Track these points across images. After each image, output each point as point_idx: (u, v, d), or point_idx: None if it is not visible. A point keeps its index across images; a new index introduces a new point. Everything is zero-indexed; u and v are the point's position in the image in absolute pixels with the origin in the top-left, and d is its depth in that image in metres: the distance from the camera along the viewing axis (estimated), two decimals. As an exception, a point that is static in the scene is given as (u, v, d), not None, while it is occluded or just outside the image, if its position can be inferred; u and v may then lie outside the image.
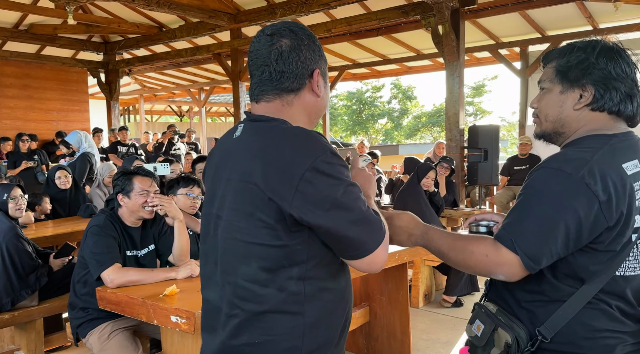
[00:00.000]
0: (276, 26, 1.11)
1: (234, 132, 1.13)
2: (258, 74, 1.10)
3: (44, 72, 8.89)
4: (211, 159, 1.19)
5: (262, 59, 1.09)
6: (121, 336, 2.34)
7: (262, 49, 1.09)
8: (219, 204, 1.09)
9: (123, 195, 2.43)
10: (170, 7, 5.98)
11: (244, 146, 1.06)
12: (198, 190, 3.08)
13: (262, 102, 1.11)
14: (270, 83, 1.09)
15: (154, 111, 19.90)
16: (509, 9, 6.14)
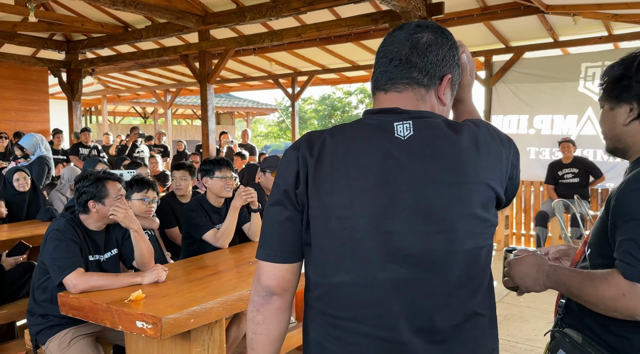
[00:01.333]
0: (427, 22, 1.04)
1: (388, 133, 0.96)
2: (386, 62, 1.01)
3: (2, 70, 8.56)
4: (366, 168, 0.96)
5: (395, 45, 1.00)
6: (82, 342, 2.26)
7: (400, 35, 1.01)
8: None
9: (96, 201, 2.34)
10: (136, 7, 5.85)
11: (449, 143, 0.95)
12: (153, 193, 3.03)
13: (392, 92, 1.01)
14: (398, 70, 1.00)
15: (117, 112, 19.42)
16: (474, 19, 6.32)
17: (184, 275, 2.39)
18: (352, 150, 0.96)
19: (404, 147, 0.95)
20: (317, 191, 0.96)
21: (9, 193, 4.31)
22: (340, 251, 0.95)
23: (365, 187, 0.94)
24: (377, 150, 0.95)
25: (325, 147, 0.98)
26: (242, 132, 9.64)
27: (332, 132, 1.01)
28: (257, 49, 8.25)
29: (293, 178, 0.98)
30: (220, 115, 20.24)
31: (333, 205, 0.95)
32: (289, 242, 1.01)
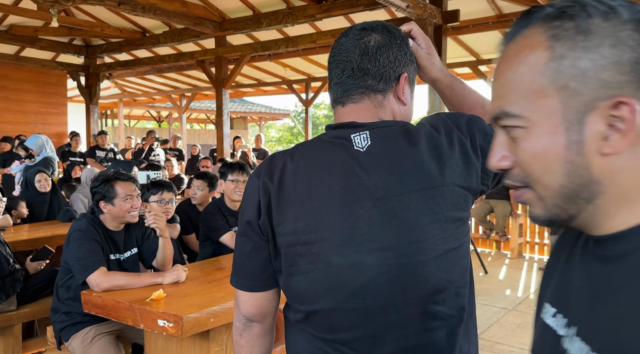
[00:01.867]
0: (370, 22, 0.99)
1: (348, 146, 0.93)
2: (338, 73, 0.97)
3: (23, 74, 8.74)
4: (317, 181, 0.93)
5: (345, 54, 0.96)
6: (104, 340, 2.32)
7: (346, 43, 0.97)
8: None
9: (106, 202, 2.41)
10: (155, 13, 5.97)
11: (403, 152, 0.92)
12: (169, 194, 3.09)
13: (349, 103, 0.98)
14: (352, 80, 0.96)
15: (132, 116, 19.66)
16: (490, 27, 6.34)
17: (203, 275, 2.44)
18: (313, 171, 0.94)
19: (363, 161, 0.92)
20: (282, 219, 0.93)
21: (30, 193, 4.41)
22: (311, 278, 0.92)
23: (329, 209, 0.91)
24: (338, 168, 0.92)
25: (286, 171, 0.95)
26: (256, 136, 9.73)
27: (292, 152, 0.98)
28: (272, 55, 8.35)
29: (255, 208, 0.96)
30: (234, 120, 20.41)
31: (299, 230, 0.92)
32: (259, 272, 0.99)
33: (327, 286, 0.92)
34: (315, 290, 0.93)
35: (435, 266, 0.91)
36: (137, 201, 2.46)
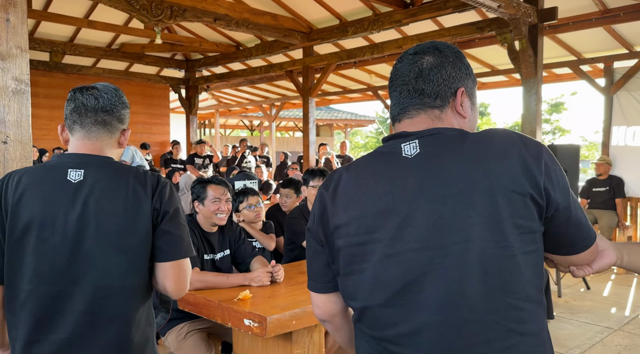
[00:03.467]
0: (421, 45, 1.06)
1: (396, 155, 1.00)
2: (396, 95, 1.06)
3: (131, 88, 9.61)
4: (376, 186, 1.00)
5: (401, 78, 1.04)
6: (196, 336, 2.47)
7: (402, 68, 1.05)
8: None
9: (198, 202, 2.60)
10: (248, 27, 6.28)
11: (466, 153, 0.95)
12: (254, 198, 3.22)
13: (405, 119, 1.04)
14: (408, 100, 1.03)
15: (227, 125, 20.78)
16: (593, 23, 5.86)
17: (286, 278, 2.51)
18: (363, 179, 1.01)
19: (410, 166, 0.97)
20: (337, 223, 1.02)
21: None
22: (363, 277, 0.99)
23: (377, 212, 0.97)
24: (385, 175, 0.99)
25: (341, 181, 1.05)
26: (341, 143, 9.82)
27: (349, 165, 1.08)
28: (357, 62, 8.40)
29: (313, 217, 1.09)
30: (320, 127, 20.79)
31: (351, 233, 0.99)
32: (321, 275, 1.10)
33: (376, 284, 0.97)
34: (366, 287, 0.99)
35: (482, 269, 0.90)
36: (225, 205, 2.60)
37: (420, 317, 0.94)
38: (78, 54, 8.07)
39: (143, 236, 1.33)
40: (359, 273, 1.00)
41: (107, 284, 1.31)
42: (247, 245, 2.74)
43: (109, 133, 1.42)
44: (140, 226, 1.32)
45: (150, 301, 1.44)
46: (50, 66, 8.13)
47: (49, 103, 9.01)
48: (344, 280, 1.04)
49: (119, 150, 1.47)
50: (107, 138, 1.42)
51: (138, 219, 1.32)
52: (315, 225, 1.07)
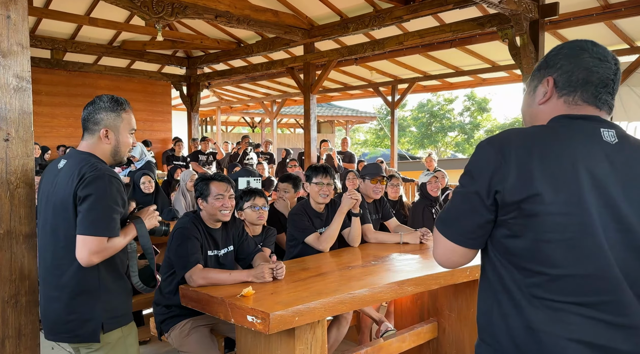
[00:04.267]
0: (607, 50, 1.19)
1: (598, 137, 1.11)
2: (597, 83, 1.15)
3: (133, 85, 9.62)
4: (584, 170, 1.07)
5: (605, 70, 1.15)
6: (200, 333, 2.49)
7: (607, 58, 1.16)
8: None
9: (202, 199, 2.61)
10: (249, 24, 6.28)
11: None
12: (260, 200, 3.15)
13: (603, 111, 1.17)
14: (607, 96, 1.17)
15: (229, 122, 20.80)
16: (594, 19, 5.85)
17: (289, 275, 2.52)
18: (571, 153, 1.07)
19: (615, 152, 1.08)
20: (539, 190, 1.04)
21: (137, 195, 4.84)
22: (567, 246, 1.04)
23: (586, 189, 1.04)
24: (595, 154, 1.07)
25: (542, 147, 1.08)
26: (342, 140, 9.83)
27: (539, 132, 1.12)
28: (358, 59, 8.40)
29: (489, 176, 1.09)
30: (321, 124, 20.78)
31: (560, 201, 1.03)
32: (471, 231, 1.15)
33: (583, 256, 1.04)
34: (570, 256, 1.04)
35: None
36: (228, 201, 2.61)
37: (620, 290, 1.06)
38: (79, 51, 8.08)
39: (70, 212, 1.81)
40: (563, 241, 1.04)
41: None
42: (249, 241, 2.75)
43: (90, 134, 1.94)
44: (68, 204, 1.80)
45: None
46: (51, 63, 8.14)
47: (51, 100, 9.02)
48: (538, 245, 1.06)
49: (106, 146, 1.93)
50: (90, 137, 1.94)
51: (67, 198, 1.81)
52: (508, 185, 1.07)
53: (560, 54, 1.18)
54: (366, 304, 2.54)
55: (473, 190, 1.09)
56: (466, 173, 1.13)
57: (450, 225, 1.16)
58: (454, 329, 3.06)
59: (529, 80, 1.25)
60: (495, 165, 1.07)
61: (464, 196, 1.12)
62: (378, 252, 3.13)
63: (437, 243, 1.20)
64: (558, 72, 1.16)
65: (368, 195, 3.60)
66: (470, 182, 1.10)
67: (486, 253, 1.17)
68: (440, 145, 27.76)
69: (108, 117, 1.92)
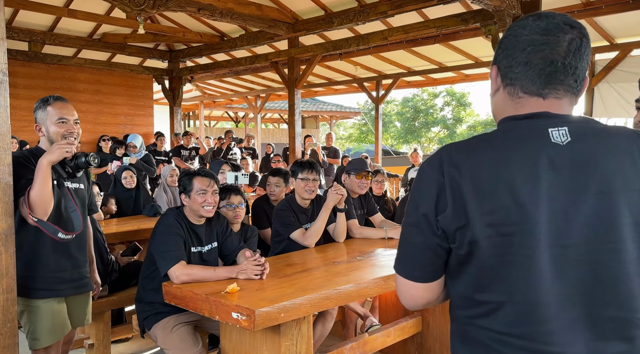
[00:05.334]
0: (568, 17, 0.98)
1: (545, 138, 0.94)
2: (540, 64, 0.96)
3: (114, 79, 9.44)
4: (526, 177, 0.92)
5: (550, 45, 0.95)
6: (183, 330, 2.45)
7: (552, 33, 0.95)
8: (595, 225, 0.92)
9: (185, 194, 2.58)
10: (232, 17, 6.21)
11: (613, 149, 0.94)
12: (236, 198, 3.09)
13: (550, 98, 0.98)
14: (557, 75, 0.96)
15: (212, 117, 20.60)
16: (575, 15, 5.92)
17: (274, 271, 2.50)
18: (510, 163, 0.93)
19: (563, 155, 0.92)
20: (477, 211, 0.92)
21: (118, 190, 4.76)
22: (508, 269, 0.93)
23: (529, 202, 0.91)
24: (536, 161, 0.92)
25: (478, 162, 0.95)
26: (327, 135, 9.81)
27: (477, 143, 0.99)
28: (343, 54, 8.38)
29: (434, 201, 0.97)
30: (306, 119, 20.73)
31: (497, 223, 0.92)
32: (429, 264, 1.03)
33: (526, 277, 0.92)
34: (513, 280, 0.93)
35: (635, 270, 0.92)
36: (212, 197, 2.57)
37: (566, 313, 0.94)
38: (58, 43, 7.90)
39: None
40: (500, 265, 0.94)
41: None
42: (233, 237, 2.72)
43: (36, 132, 2.31)
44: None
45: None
46: (29, 56, 7.94)
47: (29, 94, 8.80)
48: (478, 269, 0.96)
49: (43, 138, 2.29)
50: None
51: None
52: (449, 210, 0.95)
53: (504, 36, 1.02)
54: (351, 300, 2.54)
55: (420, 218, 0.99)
56: (411, 201, 1.01)
57: (405, 263, 1.05)
58: (438, 324, 3.08)
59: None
60: (437, 189, 0.95)
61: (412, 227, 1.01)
62: (363, 247, 3.13)
63: (399, 287, 1.07)
64: (499, 58, 1.01)
65: (353, 190, 3.59)
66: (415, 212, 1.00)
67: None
68: (424, 140, 27.95)
69: (37, 114, 2.27)
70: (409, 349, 3.23)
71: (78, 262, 2.35)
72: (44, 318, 2.23)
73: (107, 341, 3.12)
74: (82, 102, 9.00)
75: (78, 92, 8.96)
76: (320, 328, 2.85)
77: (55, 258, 2.24)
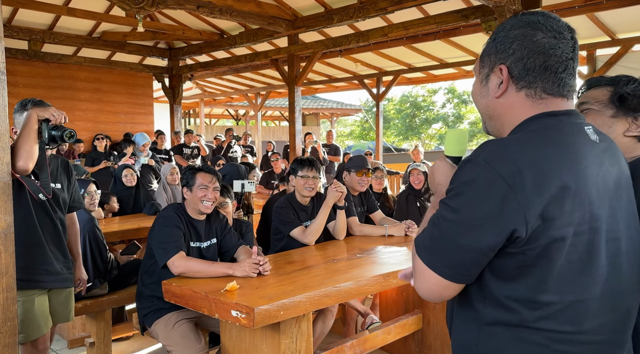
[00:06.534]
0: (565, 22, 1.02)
1: (586, 137, 0.97)
2: (556, 67, 0.99)
3: (114, 77, 9.43)
4: (574, 175, 0.92)
5: (563, 49, 0.98)
6: (185, 326, 2.46)
7: (562, 34, 0.99)
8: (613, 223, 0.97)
9: (187, 188, 2.61)
10: (232, 15, 6.19)
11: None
12: (220, 198, 3.03)
13: (570, 98, 1.02)
14: (570, 78, 1.00)
15: (212, 115, 20.58)
16: (576, 11, 5.90)
17: (274, 269, 2.50)
18: (574, 161, 0.93)
19: (601, 153, 0.97)
20: (558, 211, 0.90)
21: (118, 188, 4.76)
22: (580, 267, 0.93)
23: (596, 198, 0.93)
24: (593, 158, 0.96)
25: (541, 161, 0.91)
26: (327, 132, 9.80)
27: (531, 140, 0.94)
28: (343, 51, 8.35)
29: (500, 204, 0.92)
30: (306, 117, 20.71)
31: (576, 221, 0.91)
32: (472, 265, 0.98)
33: (591, 275, 0.94)
34: (583, 278, 0.93)
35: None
36: (212, 193, 2.59)
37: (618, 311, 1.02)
38: (58, 42, 7.88)
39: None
40: (572, 263, 0.93)
41: None
42: (232, 234, 2.73)
43: None
44: None
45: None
46: (29, 55, 7.93)
47: (29, 92, 8.78)
48: (545, 272, 0.93)
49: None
50: None
51: None
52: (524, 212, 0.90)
53: (510, 35, 0.99)
54: (351, 297, 2.53)
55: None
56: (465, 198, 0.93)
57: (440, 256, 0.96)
58: (438, 321, 3.08)
59: (479, 65, 1.07)
60: (502, 191, 0.89)
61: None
62: (363, 245, 3.12)
63: (421, 277, 0.99)
64: (511, 59, 0.98)
65: (353, 187, 3.58)
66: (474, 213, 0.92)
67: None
68: (424, 137, 27.91)
69: (15, 117, 2.29)
70: (410, 347, 3.23)
71: (55, 256, 2.36)
72: (27, 311, 2.25)
73: (108, 339, 3.13)
74: (82, 101, 9.00)
75: (78, 90, 8.96)
76: (321, 326, 2.85)
77: (30, 250, 2.25)
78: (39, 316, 2.29)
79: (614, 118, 1.21)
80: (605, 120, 1.22)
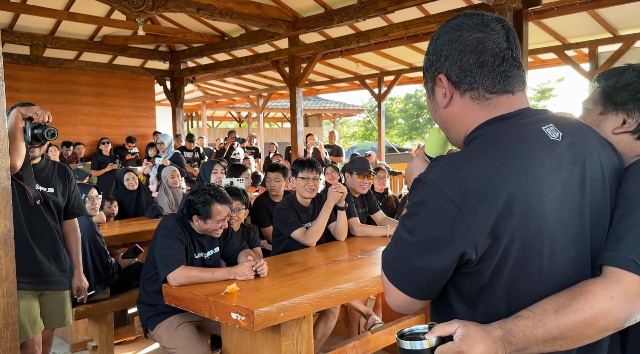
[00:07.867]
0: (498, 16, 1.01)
1: (543, 137, 0.93)
2: (492, 61, 0.95)
3: (115, 81, 9.46)
4: (533, 174, 0.89)
5: (494, 40, 0.96)
6: (188, 329, 2.46)
7: (491, 25, 0.97)
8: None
9: (199, 218, 2.47)
10: (232, 17, 6.19)
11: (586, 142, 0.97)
12: (235, 202, 2.97)
13: (518, 92, 0.98)
14: (512, 69, 0.97)
15: (215, 117, 20.61)
16: (577, 8, 5.87)
17: (275, 270, 2.50)
18: (537, 172, 0.90)
19: (565, 152, 0.92)
20: (504, 228, 0.88)
21: (120, 192, 4.76)
22: (542, 278, 0.91)
23: (546, 208, 0.88)
24: (553, 163, 0.91)
25: (486, 175, 0.89)
26: (330, 133, 9.79)
27: (478, 154, 0.92)
28: (344, 51, 8.35)
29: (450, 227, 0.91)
30: (309, 118, 20.72)
31: (529, 235, 0.88)
32: (437, 283, 1.00)
33: (553, 284, 0.92)
34: (543, 289, 0.91)
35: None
36: (226, 223, 2.55)
37: None
38: (59, 47, 7.91)
39: None
40: (535, 274, 0.92)
41: None
42: (234, 239, 2.72)
43: None
44: None
45: None
46: (31, 60, 7.96)
47: (32, 98, 8.82)
48: (511, 285, 0.92)
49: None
50: None
51: None
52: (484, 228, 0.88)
53: (439, 44, 0.98)
54: (352, 299, 2.52)
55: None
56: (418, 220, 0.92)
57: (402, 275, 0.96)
58: (441, 321, 3.06)
59: (424, 83, 1.06)
60: (452, 214, 0.87)
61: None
62: (365, 245, 3.11)
63: (389, 292, 1.00)
64: (445, 65, 0.97)
65: (355, 189, 3.58)
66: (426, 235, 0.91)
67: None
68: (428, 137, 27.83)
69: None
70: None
71: (46, 257, 2.36)
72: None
73: (111, 343, 3.13)
74: (84, 105, 9.03)
75: (80, 94, 8.99)
76: (323, 327, 2.84)
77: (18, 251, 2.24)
78: (23, 319, 2.26)
79: (603, 115, 1.14)
80: (594, 118, 1.16)
